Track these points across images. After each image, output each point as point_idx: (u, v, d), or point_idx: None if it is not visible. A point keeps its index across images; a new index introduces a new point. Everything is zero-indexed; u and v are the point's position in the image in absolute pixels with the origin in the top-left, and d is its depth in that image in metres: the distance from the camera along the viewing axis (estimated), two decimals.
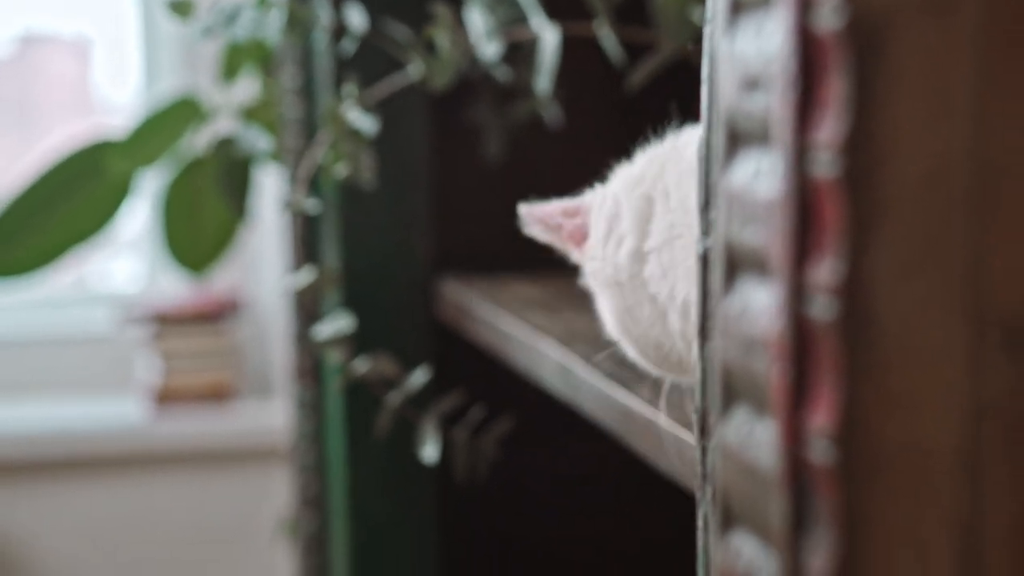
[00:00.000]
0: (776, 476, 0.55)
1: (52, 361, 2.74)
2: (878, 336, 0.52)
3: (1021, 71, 0.52)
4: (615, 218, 0.95)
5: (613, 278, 0.95)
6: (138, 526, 2.61)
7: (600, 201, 0.99)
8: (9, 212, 1.98)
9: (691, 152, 0.89)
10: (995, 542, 0.54)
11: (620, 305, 0.95)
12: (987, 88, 0.52)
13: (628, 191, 0.94)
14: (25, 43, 3.14)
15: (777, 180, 0.54)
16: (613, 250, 0.94)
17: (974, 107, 0.52)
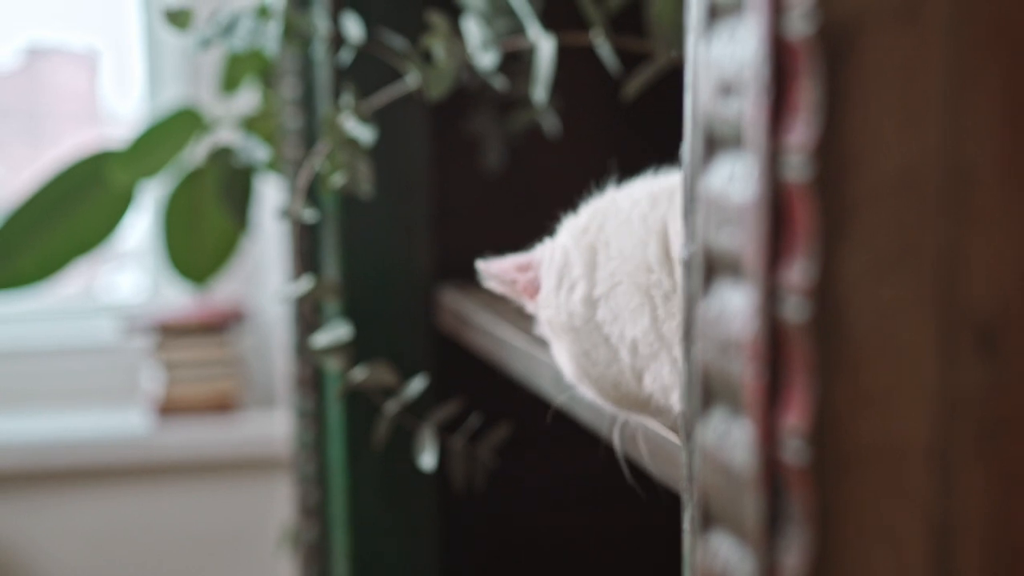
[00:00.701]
0: (751, 475, 0.56)
1: (57, 371, 2.75)
2: (850, 336, 0.53)
3: (990, 75, 0.53)
4: (565, 267, 1.02)
5: (568, 324, 1.02)
6: (142, 536, 2.62)
7: (549, 254, 1.05)
8: (10, 223, 1.98)
9: (628, 204, 1.00)
10: (968, 539, 0.54)
11: (577, 349, 1.01)
12: (957, 92, 0.53)
13: (575, 241, 1.01)
14: (32, 55, 3.15)
15: (750, 184, 0.55)
16: (565, 298, 1.02)
17: (944, 111, 0.53)
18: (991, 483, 0.54)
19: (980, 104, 0.53)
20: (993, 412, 0.54)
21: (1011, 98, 0.53)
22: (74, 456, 2.57)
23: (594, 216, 1.03)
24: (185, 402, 2.56)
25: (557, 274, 1.02)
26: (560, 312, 1.01)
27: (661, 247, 0.95)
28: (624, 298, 0.97)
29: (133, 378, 2.70)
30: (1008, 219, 0.53)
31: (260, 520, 2.55)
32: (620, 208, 1.02)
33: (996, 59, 0.53)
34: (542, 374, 1.23)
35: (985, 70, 0.53)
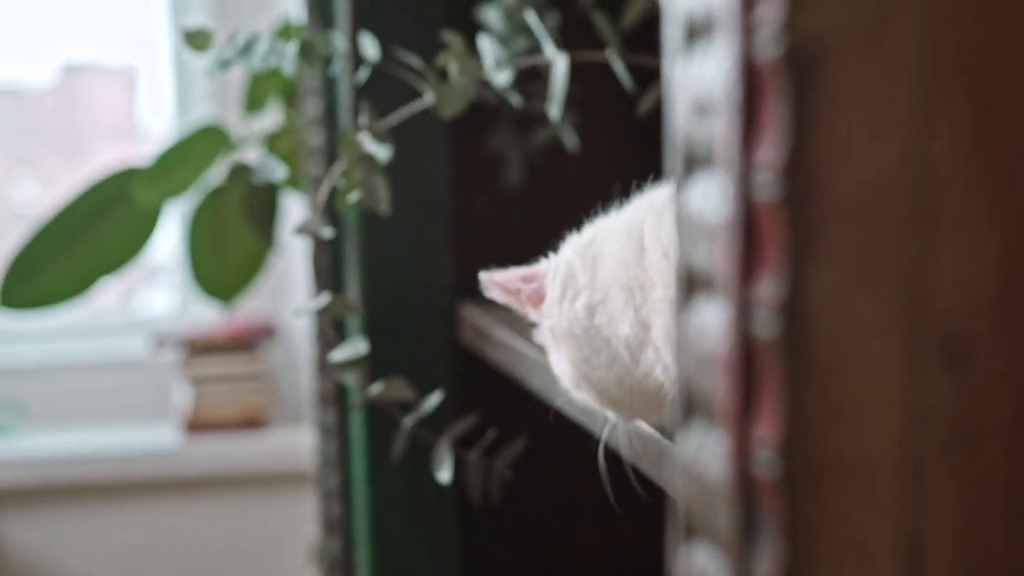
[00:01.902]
0: (725, 487, 0.57)
1: (88, 387, 2.77)
2: (819, 351, 0.54)
3: (956, 93, 0.54)
4: (569, 278, 1.09)
5: (569, 331, 1.08)
6: (172, 550, 2.64)
7: (554, 267, 1.11)
8: (36, 241, 2.00)
9: (621, 221, 1.08)
10: (938, 550, 0.56)
11: (578, 355, 1.07)
12: (923, 110, 0.54)
13: (579, 255, 1.07)
14: (69, 72, 3.18)
15: (723, 202, 0.56)
16: (568, 306, 1.09)
17: (910, 129, 0.54)
18: (961, 495, 0.56)
19: (946, 122, 0.54)
20: (962, 424, 0.55)
21: (977, 116, 0.54)
22: (105, 471, 2.60)
23: (595, 233, 1.10)
24: (214, 417, 2.58)
25: (561, 284, 1.08)
26: (562, 319, 1.07)
27: (636, 245, 1.03)
28: (614, 301, 1.04)
29: (164, 394, 2.73)
30: (974, 235, 0.55)
31: (288, 535, 2.56)
32: (614, 223, 1.09)
33: (961, 78, 0.54)
34: (559, 388, 1.25)
35: (951, 89, 0.54)
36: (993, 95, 0.54)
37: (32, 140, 3.22)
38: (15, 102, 3.22)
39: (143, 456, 2.59)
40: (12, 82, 3.18)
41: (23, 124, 3.23)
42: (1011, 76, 0.54)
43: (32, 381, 2.76)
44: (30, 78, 3.18)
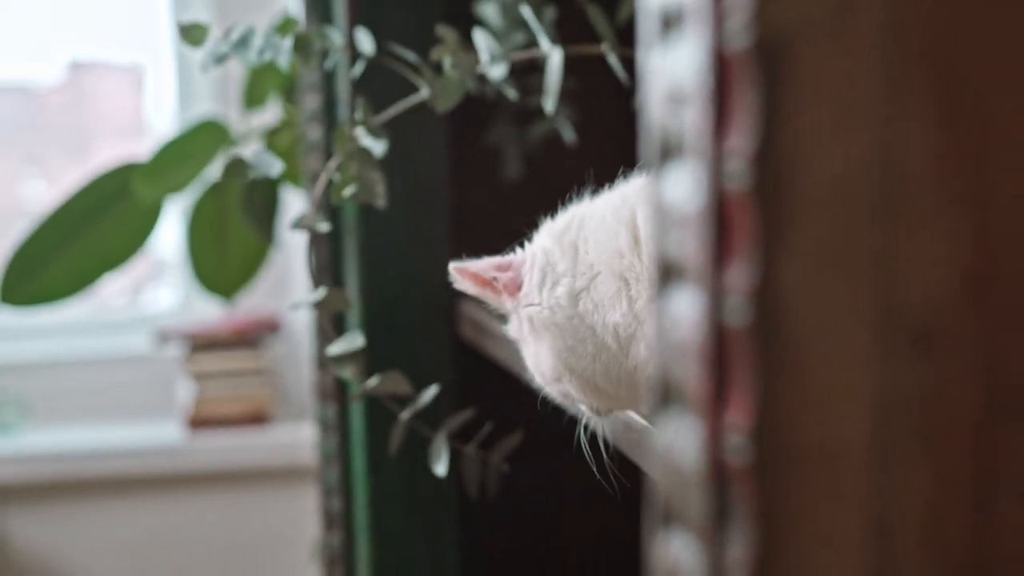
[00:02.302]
0: (698, 473, 0.57)
1: (92, 383, 2.78)
2: (790, 338, 0.55)
3: (923, 83, 0.55)
4: (548, 265, 1.08)
5: (550, 319, 1.06)
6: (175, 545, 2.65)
7: (531, 255, 1.11)
8: (36, 237, 2.00)
9: (602, 204, 1.07)
10: (907, 536, 0.56)
11: (560, 344, 1.06)
12: (890, 100, 0.55)
13: (556, 240, 1.05)
14: (76, 69, 3.19)
15: (695, 191, 0.57)
16: (548, 293, 1.06)
17: (878, 119, 0.55)
18: (930, 482, 0.56)
19: (913, 112, 0.55)
20: (930, 412, 0.56)
21: (944, 106, 0.55)
22: (109, 467, 2.61)
23: (572, 218, 1.10)
24: (218, 413, 2.59)
25: (540, 272, 1.07)
26: (543, 308, 1.05)
27: (631, 234, 1.01)
28: (603, 287, 1.03)
29: (168, 390, 2.74)
30: (942, 223, 0.55)
31: (292, 530, 2.57)
32: (595, 208, 1.08)
33: (928, 68, 0.55)
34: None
35: (917, 79, 0.55)
36: (959, 85, 0.55)
37: (39, 138, 3.23)
38: (22, 100, 3.23)
39: (147, 452, 2.60)
40: (19, 80, 3.19)
41: (30, 122, 3.24)
42: (977, 66, 0.55)
43: (36, 377, 2.77)
44: (37, 76, 3.19)
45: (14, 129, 3.23)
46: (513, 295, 1.11)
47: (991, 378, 0.56)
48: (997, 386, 0.56)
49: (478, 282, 1.14)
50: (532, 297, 1.08)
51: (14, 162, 3.23)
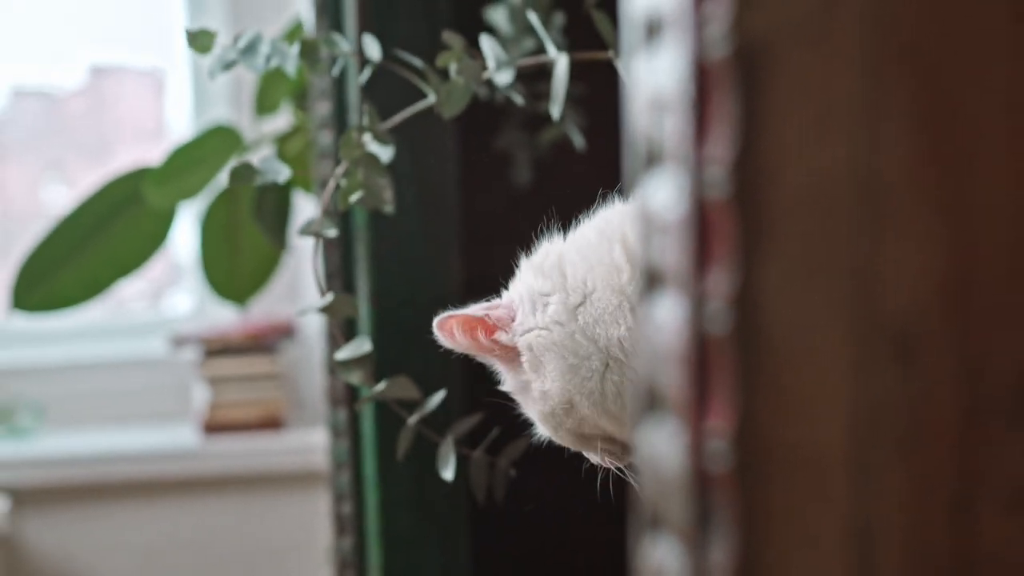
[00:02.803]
0: (681, 478, 0.58)
1: (108, 387, 2.79)
2: (770, 344, 0.55)
3: (901, 90, 0.55)
4: (535, 293, 1.09)
5: (549, 339, 1.05)
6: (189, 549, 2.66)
7: (517, 293, 1.12)
8: (48, 243, 2.00)
9: (583, 229, 1.09)
10: (888, 540, 0.56)
11: (564, 366, 1.06)
12: (868, 107, 0.55)
13: (536, 270, 1.06)
14: (97, 73, 3.20)
15: (676, 198, 0.57)
16: (542, 315, 1.04)
17: (856, 125, 0.55)
18: (910, 487, 0.56)
19: (891, 118, 0.55)
20: (911, 418, 0.56)
21: (921, 112, 0.55)
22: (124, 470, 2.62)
23: (549, 249, 1.12)
24: (233, 418, 2.59)
25: (530, 301, 1.06)
26: (540, 330, 1.04)
27: (625, 249, 1.00)
28: (602, 302, 1.03)
29: (184, 394, 2.75)
30: (921, 229, 0.55)
31: (306, 535, 2.58)
32: (575, 236, 1.10)
33: (907, 76, 0.55)
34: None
35: (896, 86, 0.55)
36: (938, 93, 0.55)
37: (60, 143, 3.24)
38: (43, 104, 3.24)
39: (162, 456, 2.61)
40: (40, 85, 3.20)
41: (51, 127, 3.25)
42: (956, 74, 0.55)
43: (52, 381, 2.78)
44: (58, 81, 3.20)
45: (35, 134, 3.24)
46: (508, 327, 1.10)
47: (971, 383, 0.56)
48: (977, 391, 0.56)
49: (467, 327, 1.13)
50: (527, 324, 1.07)
51: (35, 167, 3.25)
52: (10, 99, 3.22)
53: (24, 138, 3.24)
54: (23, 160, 3.26)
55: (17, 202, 3.26)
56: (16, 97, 3.24)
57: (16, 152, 3.26)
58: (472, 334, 1.12)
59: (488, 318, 1.10)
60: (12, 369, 2.79)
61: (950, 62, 0.55)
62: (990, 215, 0.55)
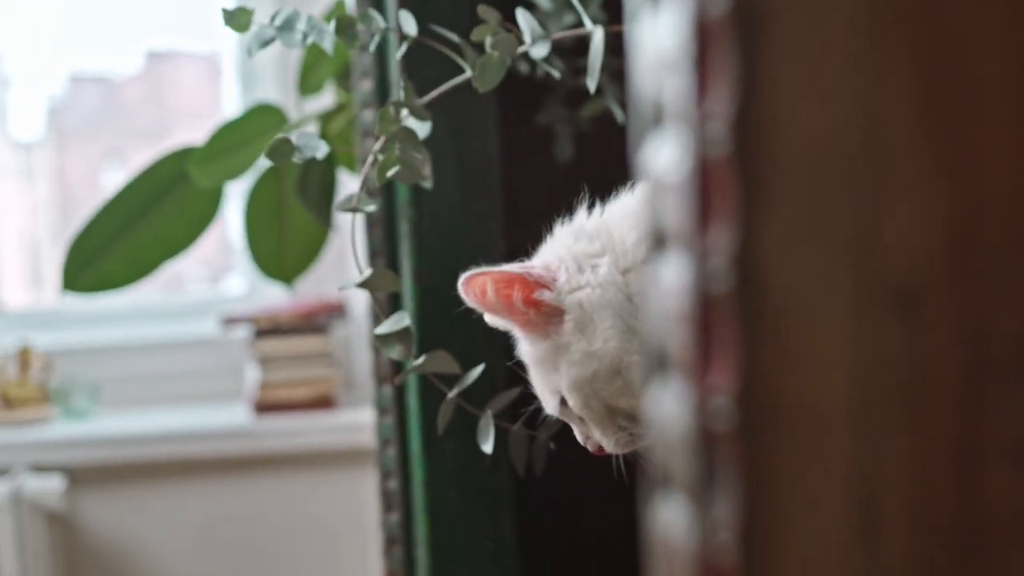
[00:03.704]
0: (685, 436, 0.58)
1: (162, 368, 2.82)
2: (771, 300, 0.55)
3: (901, 46, 0.55)
4: (581, 254, 1.05)
5: (603, 298, 1.02)
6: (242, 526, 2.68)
7: (554, 255, 1.10)
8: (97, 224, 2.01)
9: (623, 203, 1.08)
10: (892, 496, 0.56)
11: (621, 325, 1.04)
12: (868, 63, 0.55)
13: (577, 234, 1.04)
14: (154, 58, 3.22)
15: (679, 157, 0.57)
16: (593, 274, 1.02)
17: (856, 82, 0.55)
18: (913, 444, 0.56)
19: (891, 74, 0.55)
20: (913, 374, 0.56)
21: (921, 68, 0.55)
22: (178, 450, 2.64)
23: (591, 216, 1.09)
24: (285, 396, 2.61)
25: (574, 261, 1.04)
26: (594, 288, 1.02)
27: None
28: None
29: (236, 373, 2.77)
30: (921, 184, 0.55)
31: (357, 512, 2.59)
32: (618, 204, 1.07)
33: (905, 34, 0.55)
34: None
35: (896, 41, 0.55)
36: (936, 50, 0.55)
37: (118, 128, 3.26)
38: (102, 90, 3.26)
39: (215, 435, 2.63)
40: (99, 71, 3.23)
41: (110, 112, 3.28)
42: (953, 32, 0.55)
43: (107, 363, 2.81)
44: (116, 67, 3.23)
45: (94, 120, 3.27)
46: (551, 285, 1.08)
47: (974, 339, 0.56)
48: (980, 348, 0.56)
49: (502, 284, 1.11)
50: (575, 282, 1.05)
51: (94, 153, 3.27)
52: (69, 86, 3.25)
53: (83, 124, 3.27)
54: (82, 146, 3.29)
55: (77, 188, 3.29)
56: (74, 84, 3.26)
57: (75, 138, 3.29)
58: (506, 293, 1.10)
59: (529, 275, 1.08)
60: (68, 351, 2.82)
61: (947, 19, 0.55)
62: (990, 171, 0.55)
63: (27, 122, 3.23)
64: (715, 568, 0.56)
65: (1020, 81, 0.55)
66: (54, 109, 3.24)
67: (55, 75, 3.21)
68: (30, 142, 3.26)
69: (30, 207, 3.27)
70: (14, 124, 3.21)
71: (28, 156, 3.27)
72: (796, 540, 0.56)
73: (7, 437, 2.64)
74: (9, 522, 2.54)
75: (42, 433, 2.66)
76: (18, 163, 3.24)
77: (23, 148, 3.26)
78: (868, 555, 0.56)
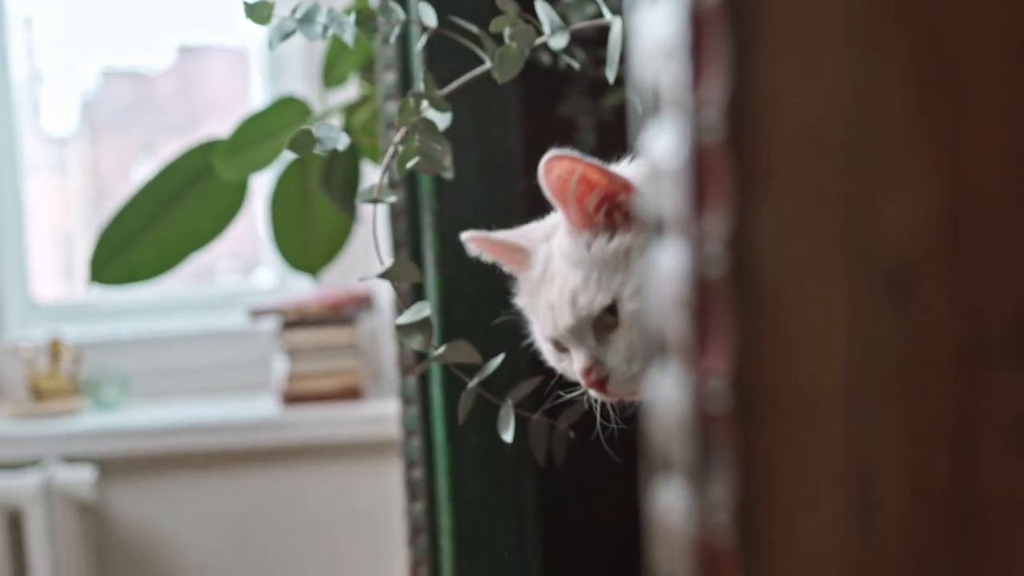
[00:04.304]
0: (682, 420, 0.58)
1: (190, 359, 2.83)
2: (767, 285, 0.56)
3: (895, 33, 0.55)
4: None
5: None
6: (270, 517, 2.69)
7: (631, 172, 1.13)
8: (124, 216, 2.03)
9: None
10: (887, 478, 0.57)
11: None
12: (862, 50, 0.55)
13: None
14: (185, 53, 3.24)
15: (676, 143, 0.58)
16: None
17: (850, 69, 0.55)
18: (909, 427, 0.57)
19: (885, 61, 0.55)
20: (908, 358, 0.56)
21: (915, 55, 0.55)
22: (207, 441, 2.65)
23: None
24: (313, 388, 2.62)
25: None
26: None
27: None
28: None
29: (265, 365, 2.78)
30: (914, 169, 0.56)
31: (385, 502, 2.60)
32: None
33: (898, 21, 0.55)
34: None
35: (890, 26, 0.55)
36: (930, 34, 0.55)
37: (151, 122, 3.28)
38: (134, 85, 3.28)
39: (243, 426, 2.64)
40: (131, 66, 3.25)
41: (142, 106, 3.30)
42: (948, 15, 0.55)
43: (136, 355, 2.83)
44: (148, 61, 3.24)
45: (126, 114, 3.29)
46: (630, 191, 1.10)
47: (968, 322, 0.56)
48: (974, 330, 0.56)
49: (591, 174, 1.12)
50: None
51: (127, 147, 3.29)
52: (101, 80, 3.27)
53: (115, 118, 3.29)
54: (115, 140, 3.31)
55: (109, 182, 3.31)
56: (107, 78, 3.28)
57: (108, 132, 3.31)
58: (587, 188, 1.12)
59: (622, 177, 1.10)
60: (99, 343, 2.84)
61: (942, 6, 0.55)
62: (983, 155, 0.56)
63: (60, 117, 3.26)
64: (712, 550, 0.57)
65: (1014, 67, 0.55)
66: (87, 104, 3.26)
67: (88, 70, 3.23)
68: (63, 137, 3.28)
69: (63, 201, 3.29)
70: (48, 119, 3.24)
71: (61, 151, 3.29)
72: (792, 522, 0.56)
73: (38, 428, 2.66)
74: (41, 513, 2.57)
75: (73, 424, 2.68)
76: (51, 158, 3.27)
77: (56, 143, 3.28)
78: (864, 536, 0.57)
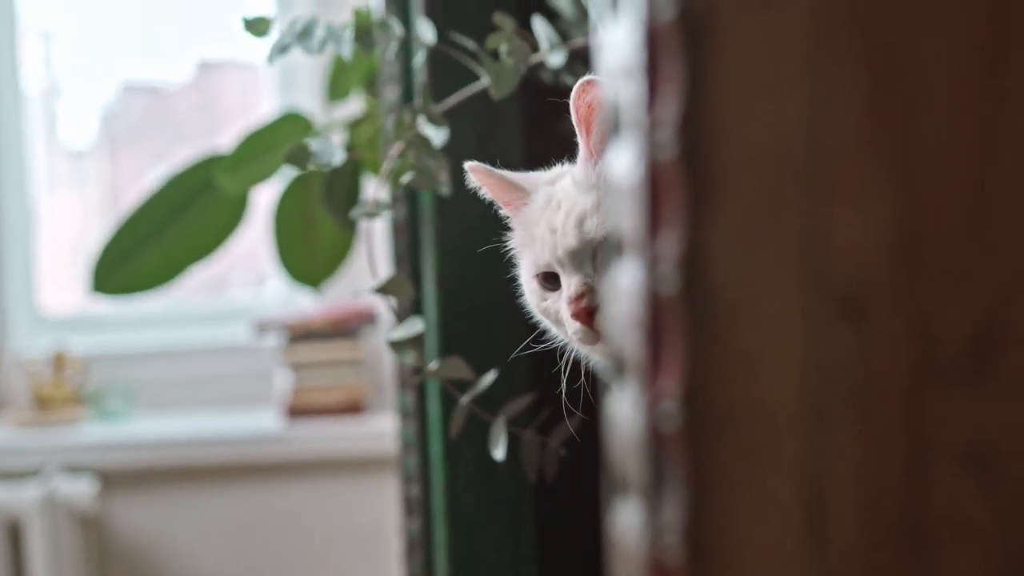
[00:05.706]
0: (636, 438, 0.58)
1: (195, 373, 2.84)
2: (718, 303, 0.56)
3: (849, 52, 0.55)
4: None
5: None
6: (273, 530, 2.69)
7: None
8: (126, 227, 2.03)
9: None
10: (840, 499, 0.57)
11: None
12: (816, 69, 0.55)
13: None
14: (204, 68, 3.25)
15: (632, 162, 0.58)
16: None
17: (804, 88, 0.55)
18: (862, 445, 0.57)
19: (839, 80, 0.55)
20: (862, 376, 0.56)
21: (869, 74, 0.55)
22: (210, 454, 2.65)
23: None
24: (316, 402, 2.62)
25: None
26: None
27: None
28: None
29: (268, 379, 2.78)
30: (867, 188, 0.56)
31: (386, 517, 2.60)
32: None
33: (853, 40, 0.55)
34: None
35: (844, 47, 0.55)
36: (884, 55, 0.55)
37: (168, 135, 3.29)
38: (152, 98, 3.29)
39: (247, 440, 2.64)
40: (150, 80, 3.26)
41: (160, 120, 3.31)
42: (902, 38, 0.55)
43: (141, 367, 2.83)
44: (167, 76, 3.26)
45: (144, 128, 3.30)
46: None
47: (921, 341, 0.56)
48: (927, 349, 0.56)
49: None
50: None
51: (145, 159, 3.30)
52: (120, 94, 3.28)
53: (134, 132, 3.30)
54: (133, 153, 3.32)
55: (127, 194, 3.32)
56: (126, 92, 3.30)
57: (126, 145, 3.32)
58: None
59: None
60: (104, 355, 2.85)
61: (895, 25, 0.55)
62: (937, 175, 0.55)
63: (79, 130, 3.27)
64: (664, 569, 0.57)
65: (965, 88, 0.55)
66: (106, 117, 3.28)
67: (107, 84, 3.24)
68: (82, 150, 3.29)
69: (82, 214, 3.30)
70: (66, 132, 3.25)
71: (80, 164, 3.30)
72: (743, 540, 0.56)
73: (40, 439, 2.66)
74: (41, 524, 2.57)
75: (75, 435, 2.68)
76: (70, 171, 3.28)
77: (75, 156, 3.29)
78: (815, 553, 0.56)
